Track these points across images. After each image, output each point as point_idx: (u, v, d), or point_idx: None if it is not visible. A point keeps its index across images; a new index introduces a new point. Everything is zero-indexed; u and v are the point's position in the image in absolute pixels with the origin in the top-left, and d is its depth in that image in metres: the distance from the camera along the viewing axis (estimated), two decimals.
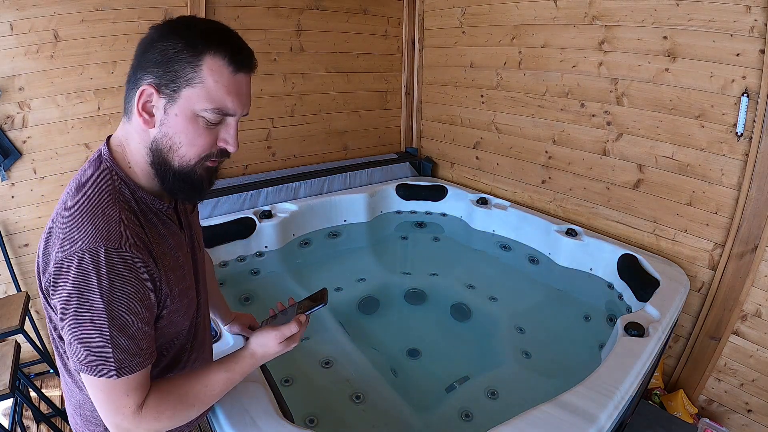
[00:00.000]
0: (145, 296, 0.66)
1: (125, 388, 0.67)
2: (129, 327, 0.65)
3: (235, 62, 0.65)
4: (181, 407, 0.74)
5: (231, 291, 2.06)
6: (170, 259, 0.73)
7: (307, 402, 1.51)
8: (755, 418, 1.82)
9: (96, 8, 1.98)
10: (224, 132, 0.69)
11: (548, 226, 2.31)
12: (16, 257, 2.02)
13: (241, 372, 0.81)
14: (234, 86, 0.66)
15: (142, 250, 0.65)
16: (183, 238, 0.79)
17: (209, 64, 0.63)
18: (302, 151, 2.85)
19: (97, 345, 0.63)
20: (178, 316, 0.76)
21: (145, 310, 0.67)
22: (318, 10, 2.65)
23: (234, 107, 0.67)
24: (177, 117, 0.65)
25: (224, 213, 2.31)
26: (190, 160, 0.68)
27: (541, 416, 1.09)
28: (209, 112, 0.65)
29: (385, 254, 2.59)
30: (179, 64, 0.63)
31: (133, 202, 0.68)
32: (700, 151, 1.84)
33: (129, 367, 0.66)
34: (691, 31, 1.77)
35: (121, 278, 0.63)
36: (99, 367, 0.64)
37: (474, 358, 1.91)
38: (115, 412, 0.68)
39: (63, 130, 2.02)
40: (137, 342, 0.66)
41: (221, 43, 0.64)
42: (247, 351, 0.83)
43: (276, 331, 0.83)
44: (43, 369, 2.16)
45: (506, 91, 2.58)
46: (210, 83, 0.64)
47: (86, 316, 0.62)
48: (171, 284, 0.72)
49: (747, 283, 1.75)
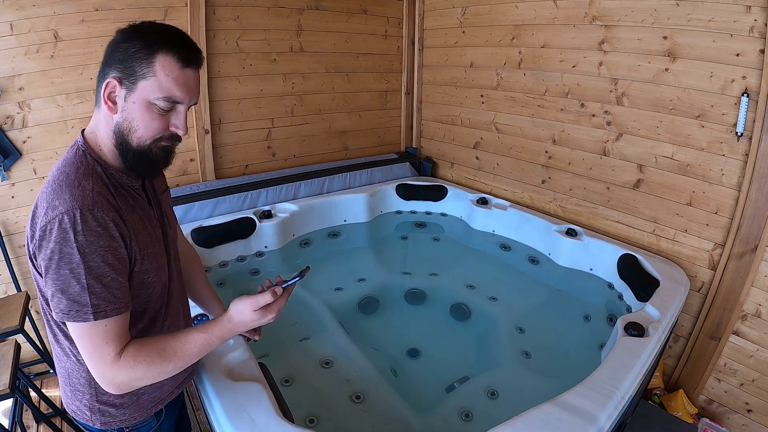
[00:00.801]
0: (117, 251, 0.77)
1: (104, 335, 0.76)
2: (104, 277, 0.75)
3: (182, 59, 0.78)
4: (158, 360, 0.81)
5: (231, 291, 2.06)
6: (139, 225, 0.84)
7: (307, 402, 1.51)
8: (755, 418, 1.82)
9: (96, 8, 1.98)
10: (175, 118, 0.81)
11: (548, 226, 2.31)
12: (16, 257, 2.02)
13: (218, 335, 0.87)
14: (182, 79, 0.78)
15: (112, 211, 0.77)
16: (152, 213, 0.91)
17: (161, 61, 0.76)
18: (302, 151, 2.85)
19: (76, 293, 0.73)
20: (149, 277, 0.86)
21: (118, 263, 0.77)
22: (318, 10, 2.65)
23: (182, 96, 0.79)
24: (135, 105, 0.77)
25: (224, 213, 2.31)
26: (146, 141, 0.80)
27: (541, 416, 1.09)
28: (161, 101, 0.78)
29: (385, 254, 2.59)
30: (137, 61, 0.76)
31: (105, 177, 0.80)
32: (700, 151, 1.84)
33: (105, 312, 0.75)
34: (691, 31, 1.77)
35: (95, 234, 0.73)
36: (78, 312, 0.74)
37: (474, 358, 1.91)
38: (97, 359, 0.77)
39: (63, 130, 2.02)
40: (112, 291, 0.76)
41: (172, 43, 0.77)
42: (225, 316, 0.89)
43: (252, 299, 0.88)
44: (43, 369, 2.16)
45: (506, 91, 2.58)
46: (161, 76, 0.76)
47: (66, 268, 0.72)
48: (140, 245, 0.82)
49: (747, 283, 1.75)
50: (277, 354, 1.73)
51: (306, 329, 1.89)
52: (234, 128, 2.53)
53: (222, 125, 2.48)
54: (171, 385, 1.00)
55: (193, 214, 2.23)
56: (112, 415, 0.91)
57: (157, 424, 1.00)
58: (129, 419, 0.93)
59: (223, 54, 2.38)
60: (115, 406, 0.91)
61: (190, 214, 2.22)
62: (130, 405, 0.92)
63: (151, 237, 0.87)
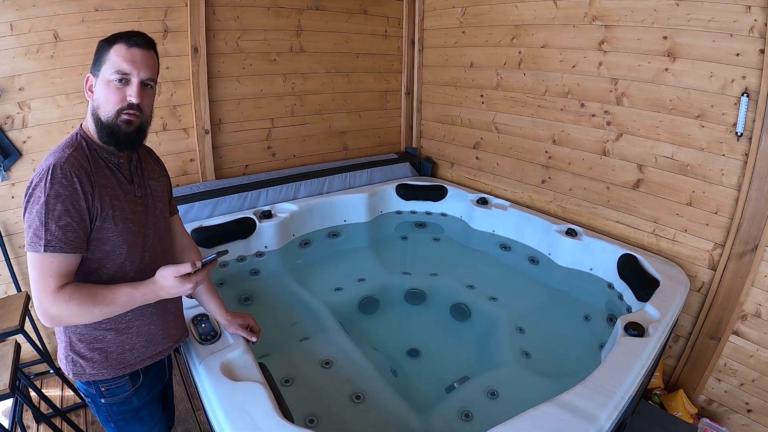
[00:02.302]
0: (76, 202, 0.91)
1: (49, 268, 0.90)
2: (60, 219, 0.89)
3: (128, 41, 0.97)
4: (88, 301, 0.92)
5: (231, 291, 2.06)
6: (109, 191, 0.99)
7: (307, 402, 1.51)
8: (755, 418, 1.82)
9: (96, 8, 1.98)
10: (129, 89, 0.97)
11: (548, 226, 2.31)
12: (16, 257, 2.02)
13: (142, 293, 0.97)
14: (129, 56, 0.96)
15: (80, 170, 0.93)
16: (131, 188, 1.06)
17: (115, 48, 0.97)
18: (302, 151, 2.85)
19: (36, 227, 0.89)
20: (113, 235, 0.99)
21: (76, 213, 0.91)
22: (318, 10, 2.65)
23: (129, 68, 0.96)
24: (99, 85, 0.97)
25: (224, 213, 2.31)
26: (110, 113, 0.97)
27: (541, 416, 1.09)
28: (114, 75, 0.96)
29: (385, 254, 2.59)
30: (101, 54, 0.98)
31: (87, 150, 0.98)
32: (700, 151, 1.84)
33: (53, 247, 0.89)
34: (691, 31, 1.77)
35: (60, 184, 0.89)
36: (34, 244, 0.89)
37: (474, 358, 1.91)
38: (39, 288, 0.90)
39: (63, 130, 2.02)
40: (65, 233, 0.90)
41: (123, 34, 0.98)
42: (152, 278, 0.99)
43: (174, 267, 0.98)
44: (43, 369, 2.16)
45: (506, 91, 2.58)
46: (114, 58, 0.96)
47: (34, 208, 0.89)
48: (104, 205, 0.96)
49: (747, 283, 1.75)
50: (277, 354, 1.73)
51: (306, 329, 1.89)
52: (234, 128, 2.53)
53: (222, 125, 2.48)
54: (141, 352, 1.09)
55: (193, 214, 2.23)
56: (81, 366, 1.02)
57: (133, 389, 1.09)
58: (98, 374, 1.03)
59: (223, 54, 2.38)
60: (84, 358, 1.02)
61: (190, 214, 2.22)
62: (99, 361, 1.03)
63: (122, 204, 1.01)
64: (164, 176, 1.20)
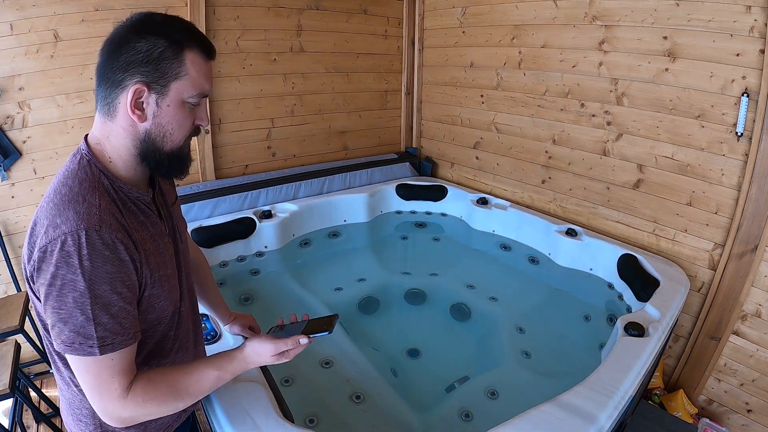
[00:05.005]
0: (127, 276, 0.69)
1: (110, 370, 0.69)
2: (111, 306, 0.67)
3: (207, 53, 0.76)
4: (170, 398, 0.76)
5: (231, 291, 2.06)
6: (150, 245, 0.77)
7: (307, 402, 1.51)
8: (755, 418, 1.82)
9: (96, 8, 1.98)
10: (199, 111, 0.78)
11: (548, 226, 2.31)
12: (16, 257, 2.02)
13: (231, 372, 0.85)
14: (208, 72, 0.77)
15: (121, 232, 0.69)
16: (163, 227, 0.84)
17: (190, 58, 0.72)
18: (302, 151, 2.85)
19: (79, 324, 0.65)
20: (160, 301, 0.79)
21: (127, 290, 0.70)
22: (318, 10, 2.65)
23: (209, 88, 0.78)
24: (169, 107, 0.73)
25: (224, 213, 2.31)
26: (180, 141, 0.77)
27: (541, 416, 1.09)
28: (194, 98, 0.75)
29: (385, 254, 2.59)
30: (167, 62, 0.71)
31: (112, 191, 0.73)
32: (700, 151, 1.84)
33: (112, 345, 0.68)
34: (691, 31, 1.77)
35: (102, 258, 0.66)
36: (82, 345, 0.66)
37: (474, 358, 1.91)
38: (102, 395, 0.70)
39: (63, 130, 2.02)
40: (120, 321, 0.68)
41: (194, 38, 0.74)
42: (241, 354, 0.86)
43: (273, 344, 0.85)
44: (43, 369, 2.16)
45: (506, 91, 2.58)
46: (193, 73, 0.73)
47: (69, 296, 0.65)
48: (152, 268, 0.75)
49: (747, 283, 1.75)
50: None
51: None
52: (234, 128, 2.53)
53: (222, 125, 2.48)
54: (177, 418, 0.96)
55: (193, 214, 2.23)
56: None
57: None
58: None
59: (223, 54, 2.38)
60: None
61: (190, 214, 2.22)
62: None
63: (163, 257, 0.80)
64: (175, 192, 0.99)
